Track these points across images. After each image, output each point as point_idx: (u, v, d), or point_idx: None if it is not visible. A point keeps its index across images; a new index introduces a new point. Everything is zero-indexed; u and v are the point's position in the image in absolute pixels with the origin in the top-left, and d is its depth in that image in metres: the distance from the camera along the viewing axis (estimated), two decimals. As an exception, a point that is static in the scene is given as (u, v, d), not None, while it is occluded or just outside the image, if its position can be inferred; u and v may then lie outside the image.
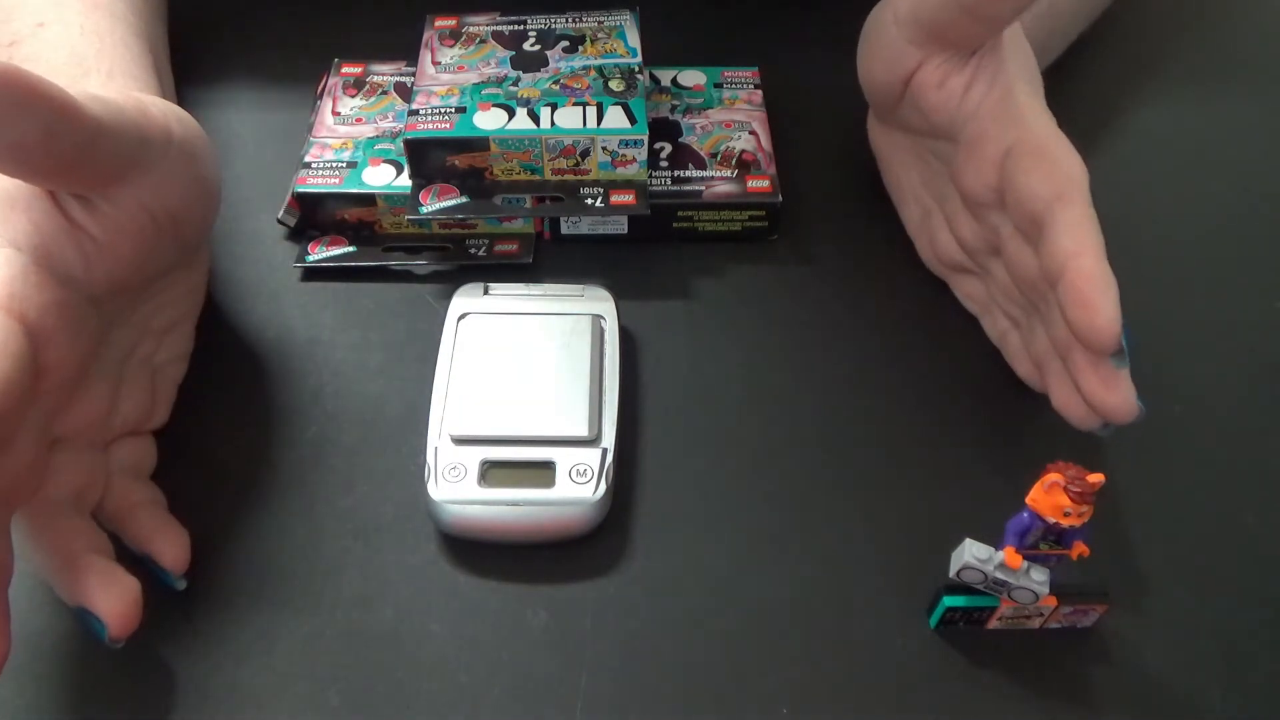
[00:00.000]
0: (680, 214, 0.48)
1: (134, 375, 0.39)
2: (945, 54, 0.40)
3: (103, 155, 0.32)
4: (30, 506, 0.34)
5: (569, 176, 0.47)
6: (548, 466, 0.39)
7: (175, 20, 0.52)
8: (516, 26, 0.50)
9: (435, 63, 0.48)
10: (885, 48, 0.42)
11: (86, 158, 0.32)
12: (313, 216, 0.48)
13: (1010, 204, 0.38)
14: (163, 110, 0.36)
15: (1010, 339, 0.43)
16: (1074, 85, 0.57)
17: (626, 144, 0.45)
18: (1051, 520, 0.33)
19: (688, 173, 0.49)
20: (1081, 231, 0.36)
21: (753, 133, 0.50)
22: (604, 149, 0.45)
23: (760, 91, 0.53)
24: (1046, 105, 0.40)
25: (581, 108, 0.46)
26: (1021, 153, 0.38)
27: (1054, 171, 0.37)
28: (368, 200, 0.47)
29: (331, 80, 0.53)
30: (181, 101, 0.50)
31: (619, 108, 0.46)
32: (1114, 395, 0.36)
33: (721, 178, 0.48)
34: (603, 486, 0.39)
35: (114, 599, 0.34)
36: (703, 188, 0.48)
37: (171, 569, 0.37)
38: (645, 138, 0.45)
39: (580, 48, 0.49)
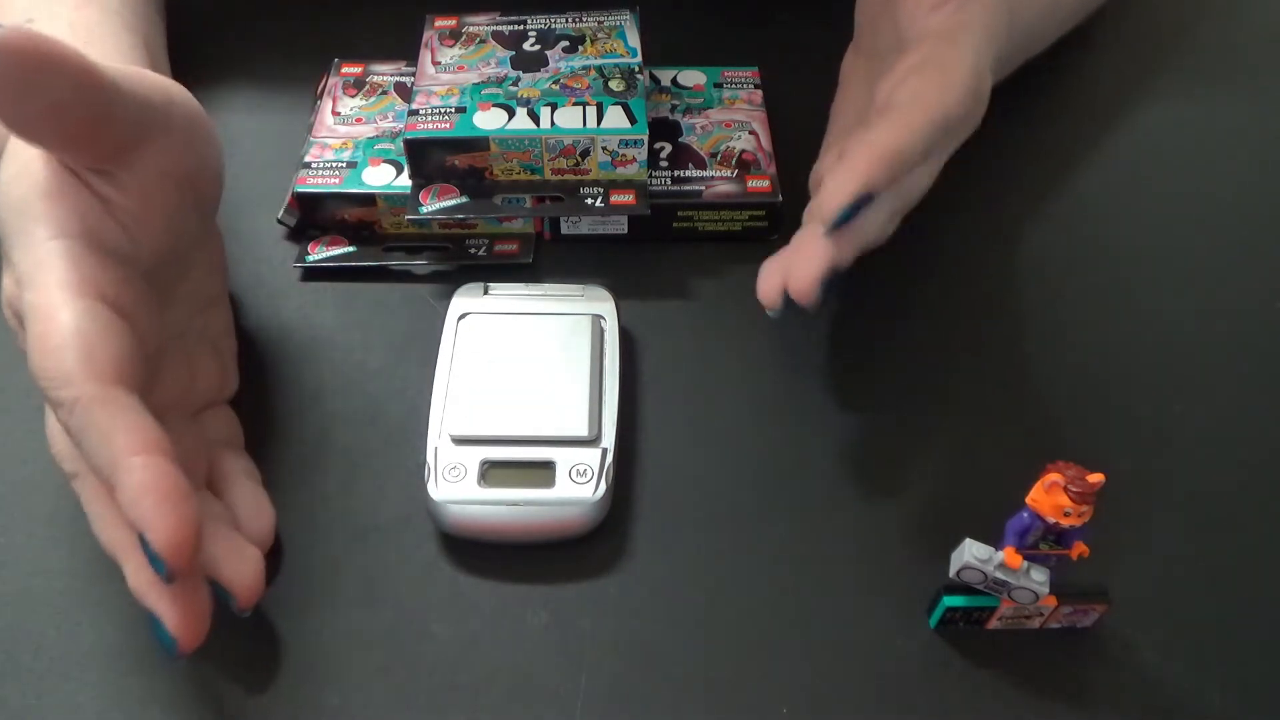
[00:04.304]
0: (680, 214, 0.48)
1: (197, 348, 0.40)
2: None
3: (121, 117, 0.33)
4: None
5: (569, 176, 0.47)
6: (548, 466, 0.39)
7: (175, 21, 0.52)
8: (516, 26, 0.50)
9: (435, 63, 0.48)
10: None
11: (110, 118, 0.33)
12: (313, 216, 0.48)
13: (887, 97, 0.39)
14: (158, 78, 0.36)
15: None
16: (1076, 85, 0.57)
17: (626, 144, 0.45)
18: (1051, 520, 0.33)
19: (688, 173, 0.49)
20: (896, 131, 0.37)
21: (753, 133, 0.50)
22: (604, 149, 0.45)
23: (760, 91, 0.53)
24: (991, 59, 0.41)
25: (581, 108, 0.46)
26: (927, 65, 0.39)
27: (932, 86, 0.38)
28: (368, 200, 0.47)
29: (331, 80, 0.53)
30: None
31: (619, 108, 0.46)
32: (807, 267, 0.37)
33: (721, 178, 0.48)
34: (603, 486, 0.39)
35: (236, 570, 0.34)
36: (703, 188, 0.48)
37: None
38: (645, 138, 0.45)
39: (580, 48, 0.49)
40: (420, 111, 0.46)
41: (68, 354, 0.31)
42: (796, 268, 0.38)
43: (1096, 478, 0.32)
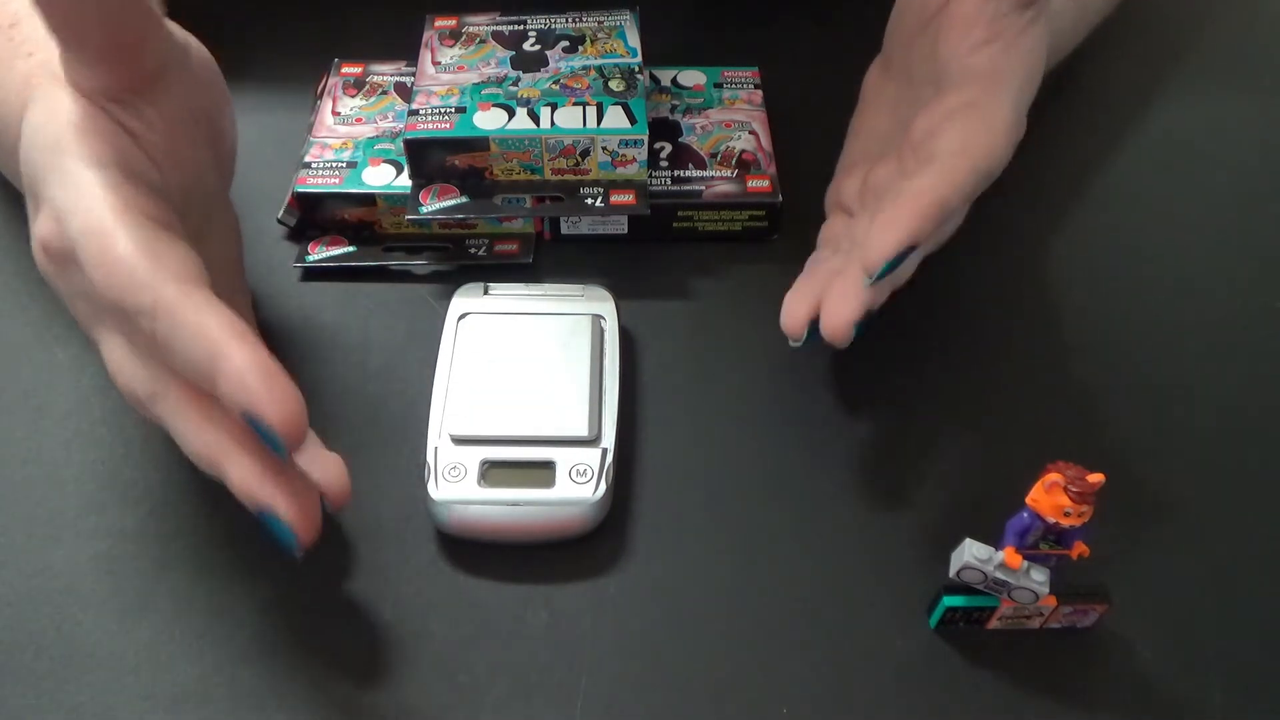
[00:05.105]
0: (680, 214, 0.48)
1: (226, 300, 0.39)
2: None
3: (156, 40, 0.35)
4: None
5: (569, 176, 0.47)
6: (548, 466, 0.39)
7: (175, 20, 0.52)
8: (516, 26, 0.50)
9: (435, 63, 0.48)
10: None
11: (146, 38, 0.34)
12: (313, 216, 0.48)
13: (924, 145, 0.39)
14: (172, 22, 0.37)
15: (818, 265, 0.44)
16: (1080, 84, 0.57)
17: (626, 144, 0.45)
18: (1051, 520, 0.33)
19: (688, 173, 0.49)
20: (945, 180, 0.37)
21: (753, 133, 0.50)
22: (604, 149, 0.45)
23: (760, 91, 0.53)
24: (1024, 113, 0.41)
25: (581, 108, 0.46)
26: (970, 112, 0.39)
27: (977, 137, 0.38)
28: (368, 200, 0.47)
29: (331, 80, 0.53)
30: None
31: (619, 108, 0.46)
32: (842, 308, 0.38)
33: (721, 178, 0.48)
34: (603, 486, 0.39)
35: (325, 472, 0.35)
36: (703, 188, 0.48)
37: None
38: (645, 138, 0.45)
39: (580, 48, 0.49)
40: (420, 111, 0.46)
41: (136, 261, 0.31)
42: (831, 308, 0.38)
43: (1096, 478, 0.32)
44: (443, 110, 0.46)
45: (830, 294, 0.38)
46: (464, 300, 0.44)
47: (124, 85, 0.35)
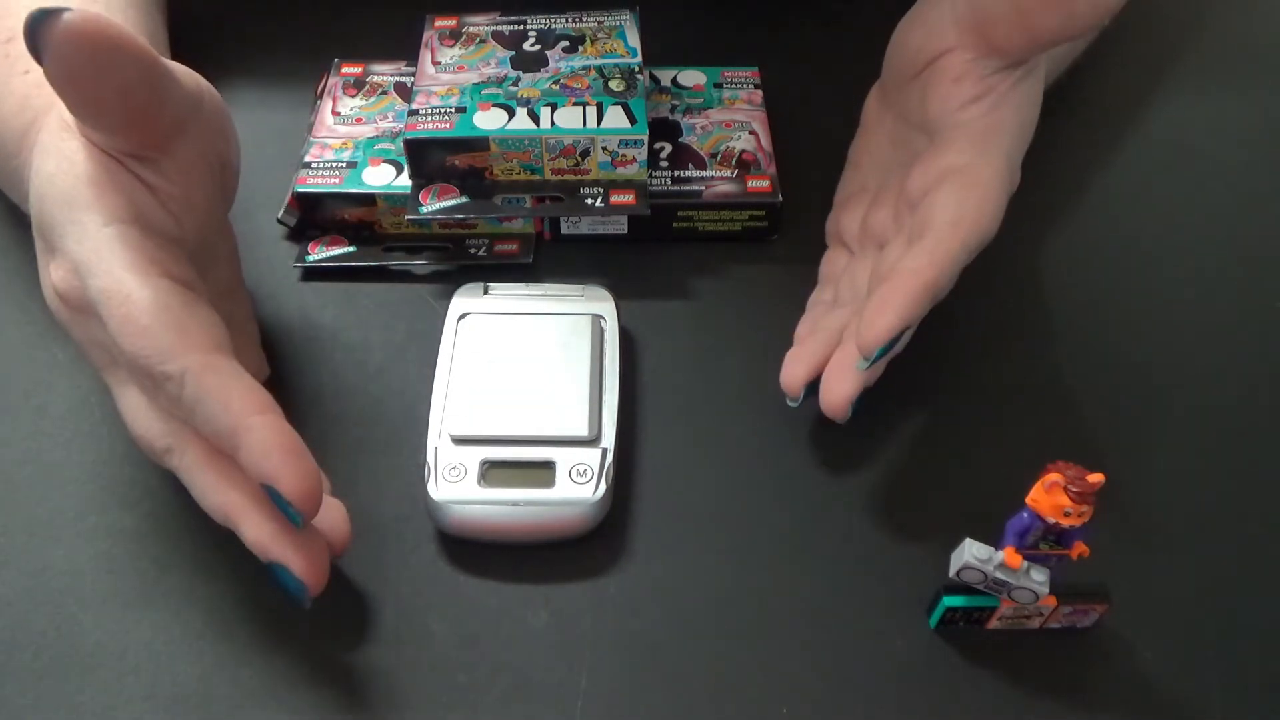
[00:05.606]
0: (680, 214, 0.48)
1: (233, 333, 0.40)
2: (978, 54, 0.40)
3: (172, 101, 0.34)
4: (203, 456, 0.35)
5: (569, 176, 0.47)
6: (548, 466, 0.39)
7: (174, 20, 0.52)
8: (516, 26, 0.50)
9: (435, 63, 0.48)
10: (934, 18, 0.42)
11: (165, 101, 0.34)
12: (313, 216, 0.48)
13: (920, 207, 0.40)
14: (184, 67, 0.37)
15: (818, 307, 0.44)
16: (1078, 86, 0.57)
17: (626, 144, 0.45)
18: (1051, 520, 0.33)
19: (688, 173, 0.49)
20: (938, 260, 0.37)
21: (753, 133, 0.50)
22: (604, 149, 0.45)
23: (760, 91, 0.53)
24: (1018, 165, 0.42)
25: (581, 108, 0.46)
26: (963, 178, 0.39)
27: (970, 207, 0.38)
28: (368, 200, 0.47)
29: (331, 80, 0.53)
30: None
31: (619, 108, 0.46)
32: (840, 387, 0.38)
33: (721, 178, 0.48)
34: (603, 486, 0.39)
35: (331, 521, 0.36)
36: (703, 188, 0.48)
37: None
38: (645, 138, 0.45)
39: (580, 48, 0.49)
40: (420, 111, 0.46)
41: (162, 330, 0.32)
42: (830, 387, 0.39)
43: (1096, 478, 0.32)
44: (443, 110, 0.46)
45: (829, 373, 0.39)
46: (464, 300, 0.44)
47: (144, 146, 0.35)
